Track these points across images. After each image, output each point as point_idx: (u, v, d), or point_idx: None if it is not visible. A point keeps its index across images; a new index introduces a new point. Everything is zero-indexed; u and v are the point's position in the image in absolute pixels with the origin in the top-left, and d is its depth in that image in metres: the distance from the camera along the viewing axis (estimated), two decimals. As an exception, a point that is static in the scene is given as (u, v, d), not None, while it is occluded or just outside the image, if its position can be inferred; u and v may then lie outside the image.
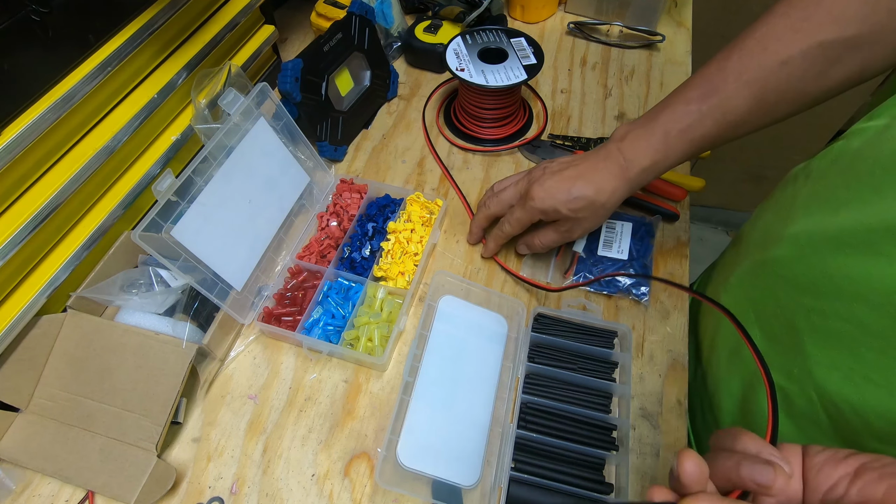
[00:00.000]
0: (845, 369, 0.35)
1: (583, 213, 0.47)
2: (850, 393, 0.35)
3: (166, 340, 0.46)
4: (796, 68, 0.39)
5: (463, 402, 0.47)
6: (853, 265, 0.34)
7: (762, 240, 0.46)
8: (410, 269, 0.54)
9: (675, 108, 0.44)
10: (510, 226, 0.52)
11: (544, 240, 0.52)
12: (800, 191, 0.43)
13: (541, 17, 0.83)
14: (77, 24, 0.45)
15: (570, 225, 0.49)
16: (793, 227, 0.41)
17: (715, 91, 0.42)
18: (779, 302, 0.41)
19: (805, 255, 0.38)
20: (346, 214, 0.59)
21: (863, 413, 0.34)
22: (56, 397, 0.45)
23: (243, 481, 0.44)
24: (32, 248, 0.45)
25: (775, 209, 0.46)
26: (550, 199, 0.47)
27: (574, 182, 0.47)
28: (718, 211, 1.70)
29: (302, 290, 0.54)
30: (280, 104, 0.54)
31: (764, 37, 0.40)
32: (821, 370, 0.37)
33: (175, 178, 0.44)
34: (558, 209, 0.47)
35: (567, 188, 0.47)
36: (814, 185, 0.41)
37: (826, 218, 0.37)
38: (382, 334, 0.50)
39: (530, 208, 0.49)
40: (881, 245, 0.32)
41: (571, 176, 0.47)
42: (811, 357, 0.37)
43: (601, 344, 0.50)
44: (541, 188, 0.48)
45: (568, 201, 0.47)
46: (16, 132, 0.41)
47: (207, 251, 0.47)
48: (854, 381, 0.34)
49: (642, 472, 0.44)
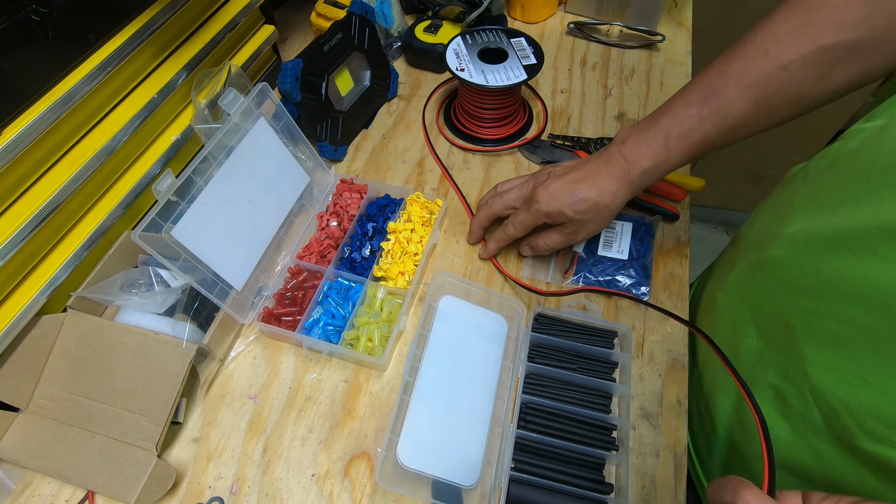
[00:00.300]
0: (840, 370, 0.35)
1: (587, 216, 0.48)
2: (845, 393, 0.35)
3: (166, 340, 0.46)
4: (796, 72, 0.39)
5: (463, 402, 0.47)
6: (849, 266, 0.34)
7: (759, 240, 0.46)
8: (410, 269, 0.54)
9: (675, 111, 0.44)
10: (514, 228, 0.52)
11: (549, 242, 0.52)
12: (797, 191, 0.43)
13: (541, 17, 0.83)
14: (77, 24, 0.45)
15: (575, 227, 0.50)
16: (789, 228, 0.41)
17: (715, 95, 0.42)
18: (775, 303, 0.41)
19: (801, 256, 0.38)
20: (346, 214, 0.59)
21: (857, 414, 0.34)
22: (56, 397, 0.45)
23: (243, 481, 0.44)
24: (32, 248, 0.45)
25: (773, 210, 0.46)
26: (555, 203, 0.48)
27: (578, 185, 0.47)
28: (718, 211, 1.70)
29: (302, 290, 0.54)
30: (280, 104, 0.54)
31: (764, 41, 0.40)
32: (816, 371, 0.37)
33: (175, 178, 0.44)
34: (563, 212, 0.48)
35: (571, 191, 0.47)
36: (811, 186, 0.42)
37: (822, 219, 0.37)
38: (382, 334, 0.50)
39: (535, 211, 0.49)
40: (877, 246, 0.32)
41: (575, 179, 0.48)
42: (807, 358, 0.37)
43: (601, 344, 0.50)
44: (546, 191, 0.48)
45: (572, 204, 0.47)
46: (16, 132, 0.41)
47: (207, 251, 0.47)
48: (849, 381, 0.34)
49: (642, 472, 0.44)
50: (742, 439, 0.46)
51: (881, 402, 0.33)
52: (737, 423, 0.46)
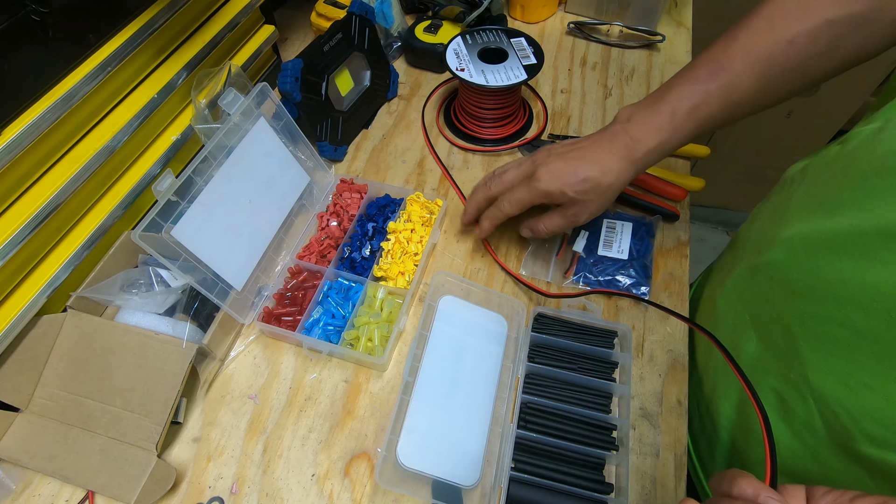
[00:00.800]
0: (842, 374, 0.35)
1: (589, 196, 0.46)
2: (846, 398, 0.35)
3: (166, 340, 0.46)
4: (803, 47, 0.39)
5: (463, 402, 0.47)
6: (847, 269, 0.34)
7: (757, 243, 0.46)
8: (410, 269, 0.54)
9: (681, 88, 0.44)
10: (510, 205, 0.50)
11: (549, 224, 0.50)
12: (794, 193, 0.43)
13: (541, 17, 0.83)
14: (77, 24, 0.45)
15: (577, 208, 0.48)
16: (787, 231, 0.41)
17: (722, 70, 0.42)
18: (774, 306, 0.41)
19: (799, 259, 0.38)
20: (347, 214, 0.59)
21: (858, 418, 0.34)
22: (56, 397, 0.45)
23: (243, 481, 0.44)
24: (32, 248, 0.45)
25: (770, 212, 0.46)
26: (557, 182, 0.46)
27: (579, 164, 0.46)
28: (718, 211, 1.70)
29: (302, 290, 0.54)
30: (280, 104, 0.54)
31: (772, 16, 0.41)
32: (817, 375, 0.37)
33: (175, 178, 0.44)
34: (564, 191, 0.46)
35: (573, 170, 0.46)
36: (808, 188, 0.41)
37: (820, 221, 0.37)
38: (382, 334, 0.50)
39: (534, 189, 0.48)
40: (875, 250, 0.32)
41: (577, 158, 0.46)
42: (807, 362, 0.37)
43: (601, 344, 0.50)
44: (546, 170, 0.47)
45: (574, 184, 0.46)
46: (16, 132, 0.41)
47: (207, 251, 0.47)
48: (850, 385, 0.34)
49: (642, 472, 0.44)
50: (744, 443, 0.46)
51: (882, 405, 0.33)
52: (739, 427, 0.46)
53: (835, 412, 0.36)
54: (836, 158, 0.39)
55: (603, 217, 0.59)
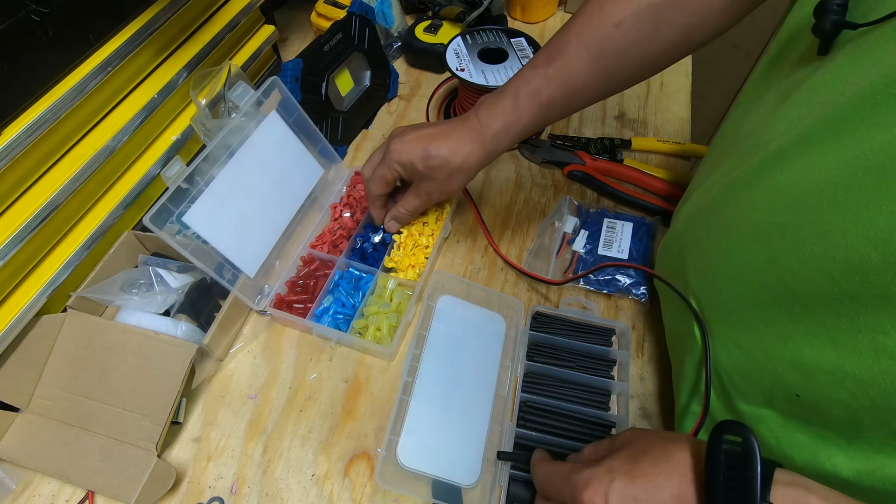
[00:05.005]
0: (722, 339, 0.37)
1: (438, 174, 0.48)
2: (724, 358, 0.37)
3: (166, 340, 0.46)
4: (629, 29, 0.41)
5: (462, 401, 0.47)
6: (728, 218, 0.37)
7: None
8: (421, 262, 0.54)
9: (523, 72, 0.45)
10: (374, 184, 0.51)
11: (406, 205, 0.52)
12: (697, 172, 0.47)
13: (541, 17, 0.83)
14: (77, 24, 0.45)
15: (428, 185, 0.50)
16: (685, 209, 0.44)
17: (558, 53, 0.43)
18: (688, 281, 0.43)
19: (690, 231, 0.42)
20: (360, 206, 0.60)
21: (732, 375, 0.37)
22: (56, 397, 0.45)
23: (243, 481, 0.44)
24: (32, 247, 0.45)
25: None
26: (407, 153, 0.48)
27: (431, 140, 0.47)
28: (718, 211, 1.69)
29: (313, 279, 0.54)
30: (290, 98, 0.54)
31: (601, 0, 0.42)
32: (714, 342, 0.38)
33: (185, 165, 0.45)
34: (414, 164, 0.48)
35: (424, 145, 0.47)
36: (703, 164, 0.46)
37: (701, 195, 0.42)
38: (391, 324, 0.51)
39: (389, 161, 0.49)
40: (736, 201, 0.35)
41: (430, 134, 0.48)
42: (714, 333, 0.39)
43: (599, 342, 0.50)
44: (400, 141, 0.48)
45: (424, 158, 0.47)
46: (16, 132, 0.41)
47: (219, 237, 0.48)
48: (727, 347, 0.37)
49: (642, 472, 0.44)
50: None
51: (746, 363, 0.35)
52: None
53: (717, 373, 0.38)
54: (724, 132, 0.44)
55: (603, 217, 0.59)
